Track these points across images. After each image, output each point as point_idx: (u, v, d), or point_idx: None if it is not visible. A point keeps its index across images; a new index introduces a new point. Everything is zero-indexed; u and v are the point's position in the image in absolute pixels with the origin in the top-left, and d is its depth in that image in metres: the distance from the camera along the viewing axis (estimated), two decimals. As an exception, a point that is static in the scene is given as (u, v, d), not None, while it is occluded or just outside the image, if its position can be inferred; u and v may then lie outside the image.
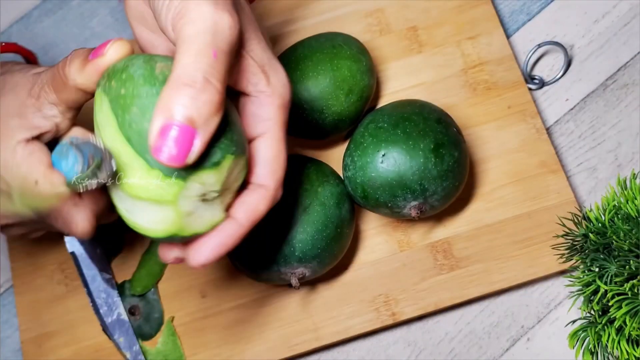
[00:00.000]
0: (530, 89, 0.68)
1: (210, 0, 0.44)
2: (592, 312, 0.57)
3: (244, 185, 0.48)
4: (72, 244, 0.65)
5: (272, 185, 0.48)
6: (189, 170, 0.44)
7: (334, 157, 0.65)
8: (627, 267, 0.54)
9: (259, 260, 0.57)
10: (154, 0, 0.46)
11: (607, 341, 0.55)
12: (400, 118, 0.59)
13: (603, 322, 0.55)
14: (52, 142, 0.51)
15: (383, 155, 0.57)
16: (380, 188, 0.57)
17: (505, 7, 0.72)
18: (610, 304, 0.54)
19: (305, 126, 0.62)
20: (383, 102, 0.68)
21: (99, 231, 0.65)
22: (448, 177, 0.58)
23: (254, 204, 0.47)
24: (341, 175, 0.61)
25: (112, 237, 0.66)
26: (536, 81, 0.68)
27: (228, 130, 0.45)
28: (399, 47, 0.69)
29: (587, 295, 0.57)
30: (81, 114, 0.51)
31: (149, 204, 0.45)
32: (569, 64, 0.69)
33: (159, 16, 0.46)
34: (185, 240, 0.47)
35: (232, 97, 0.48)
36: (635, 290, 0.54)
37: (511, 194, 0.64)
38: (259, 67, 0.47)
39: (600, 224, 0.57)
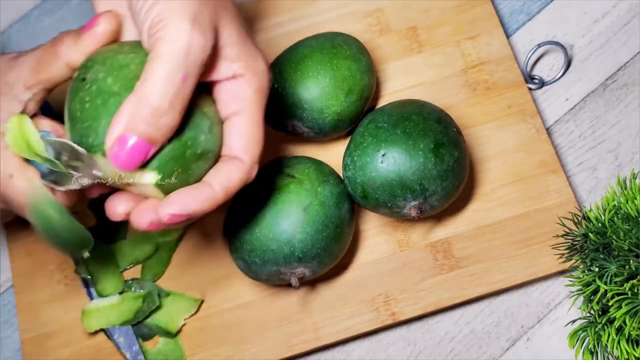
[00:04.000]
0: (530, 89, 0.68)
1: (189, 18, 0.45)
2: (592, 312, 0.57)
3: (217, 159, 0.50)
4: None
5: (246, 159, 0.49)
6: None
7: (334, 157, 0.65)
8: (627, 267, 0.54)
9: (259, 260, 0.57)
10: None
11: (607, 341, 0.55)
12: (400, 118, 0.59)
13: (603, 322, 0.55)
14: None
15: (383, 155, 0.57)
16: (380, 188, 0.57)
17: (505, 7, 0.72)
18: (610, 303, 0.54)
19: (305, 126, 0.62)
20: (383, 102, 0.68)
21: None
22: (448, 177, 0.58)
23: (227, 173, 0.49)
24: (341, 175, 0.61)
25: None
26: (536, 81, 0.68)
27: None
28: (399, 47, 0.69)
29: (587, 295, 0.57)
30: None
31: None
32: (568, 63, 0.69)
33: (137, 15, 0.47)
34: None
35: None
36: (635, 290, 0.54)
37: (511, 194, 0.64)
38: (233, 60, 0.48)
39: (600, 224, 0.57)
